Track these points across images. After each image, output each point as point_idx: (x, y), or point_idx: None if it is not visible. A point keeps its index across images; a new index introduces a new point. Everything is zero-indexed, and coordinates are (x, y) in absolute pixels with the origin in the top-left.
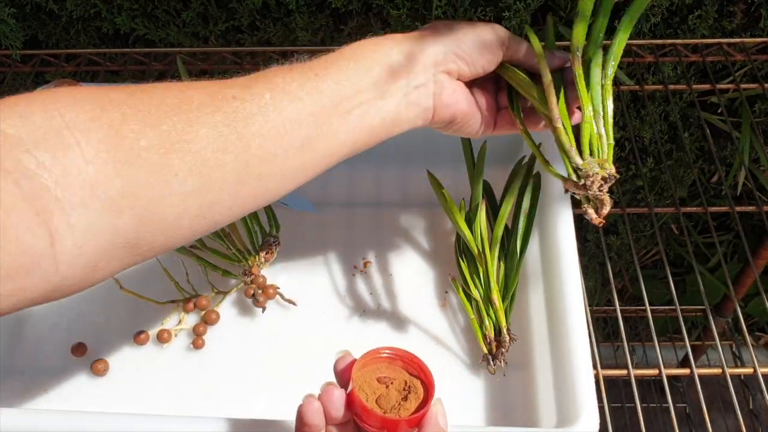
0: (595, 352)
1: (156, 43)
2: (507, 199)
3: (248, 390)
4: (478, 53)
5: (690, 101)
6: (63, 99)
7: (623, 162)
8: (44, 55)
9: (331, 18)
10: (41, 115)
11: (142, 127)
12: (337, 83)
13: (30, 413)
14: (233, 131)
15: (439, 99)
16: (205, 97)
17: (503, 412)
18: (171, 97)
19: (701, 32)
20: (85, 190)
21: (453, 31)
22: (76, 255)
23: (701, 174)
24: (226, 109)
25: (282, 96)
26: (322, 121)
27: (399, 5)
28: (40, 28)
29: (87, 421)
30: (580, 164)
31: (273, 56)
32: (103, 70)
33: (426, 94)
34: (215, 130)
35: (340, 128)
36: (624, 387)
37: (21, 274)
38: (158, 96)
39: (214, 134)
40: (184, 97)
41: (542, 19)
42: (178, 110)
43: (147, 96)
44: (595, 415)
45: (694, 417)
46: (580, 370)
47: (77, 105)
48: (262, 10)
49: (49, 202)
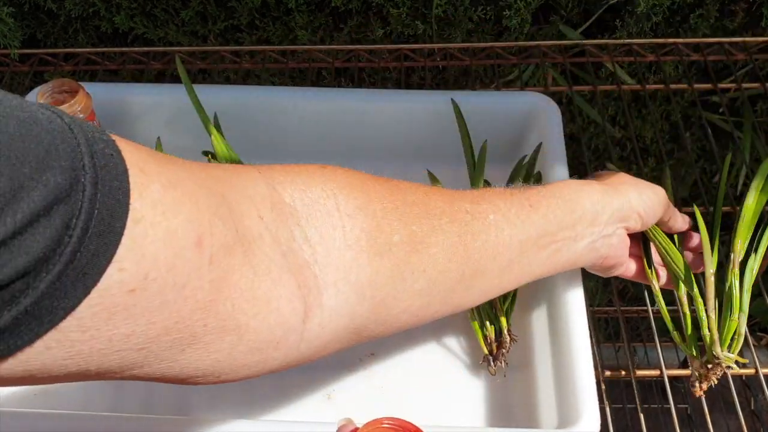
0: (596, 353)
1: (155, 42)
2: None
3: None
4: (652, 214)
5: (691, 101)
6: (338, 180)
7: (624, 162)
8: (42, 54)
9: (330, 17)
10: (319, 192)
11: (398, 225)
12: (545, 217)
13: (30, 414)
14: (461, 242)
15: (614, 249)
16: (445, 205)
17: (504, 413)
18: (419, 200)
19: (702, 31)
20: (340, 272)
21: (639, 190)
22: (317, 335)
23: (703, 174)
24: (461, 222)
25: (503, 220)
26: (525, 249)
27: (399, 4)
28: (39, 27)
29: (87, 422)
30: (720, 355)
31: (272, 55)
32: (101, 69)
33: (607, 244)
34: (449, 239)
35: (534, 259)
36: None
37: (271, 346)
38: (410, 196)
39: (447, 242)
40: (429, 201)
41: (543, 18)
42: (425, 214)
43: (402, 195)
44: (596, 415)
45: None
46: (581, 371)
47: (349, 190)
48: (261, 8)
49: (309, 278)
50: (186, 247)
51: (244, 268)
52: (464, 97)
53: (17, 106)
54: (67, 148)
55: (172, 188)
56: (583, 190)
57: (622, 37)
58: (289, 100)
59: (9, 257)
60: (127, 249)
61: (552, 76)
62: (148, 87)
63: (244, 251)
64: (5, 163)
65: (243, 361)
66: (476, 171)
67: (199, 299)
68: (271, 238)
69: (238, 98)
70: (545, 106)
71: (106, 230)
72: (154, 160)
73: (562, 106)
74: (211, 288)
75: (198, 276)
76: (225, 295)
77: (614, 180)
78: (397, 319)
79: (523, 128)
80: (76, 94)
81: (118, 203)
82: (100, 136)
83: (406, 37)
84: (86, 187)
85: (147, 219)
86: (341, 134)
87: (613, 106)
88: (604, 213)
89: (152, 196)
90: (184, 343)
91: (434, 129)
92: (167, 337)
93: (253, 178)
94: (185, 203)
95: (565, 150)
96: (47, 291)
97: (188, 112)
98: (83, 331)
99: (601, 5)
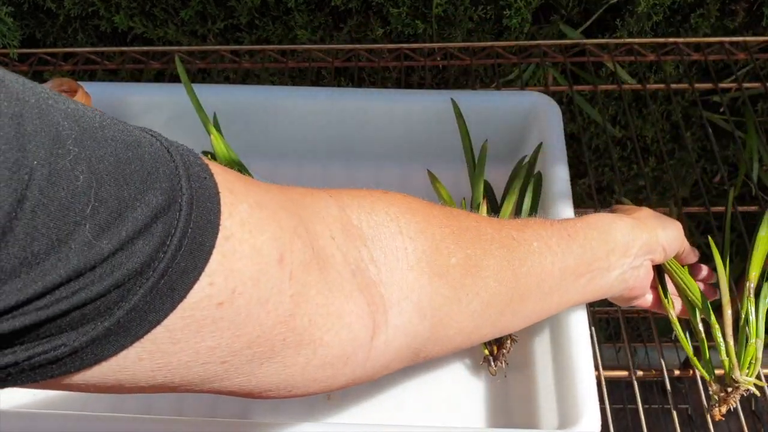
0: (596, 353)
1: (154, 41)
2: (508, 199)
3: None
4: (674, 247)
5: (692, 100)
6: (400, 204)
7: (625, 161)
8: (42, 53)
9: (330, 16)
10: (383, 216)
11: (454, 248)
12: (582, 247)
13: (30, 414)
14: (510, 267)
15: (640, 280)
16: (494, 231)
17: (504, 414)
18: (471, 228)
19: (703, 31)
20: (403, 291)
21: (663, 224)
22: (382, 352)
23: (703, 174)
24: (509, 248)
25: (545, 248)
26: (565, 277)
27: (399, 3)
28: (38, 27)
29: (87, 422)
30: (740, 380)
31: (272, 55)
32: (100, 68)
33: (635, 276)
34: (499, 264)
35: (572, 287)
36: (626, 388)
37: (341, 361)
38: (463, 222)
39: (497, 267)
40: (480, 227)
41: (543, 17)
42: (477, 239)
43: (456, 220)
44: (596, 416)
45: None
46: (581, 372)
47: (411, 214)
48: (261, 8)
49: (376, 297)
50: (270, 263)
51: (320, 285)
52: (464, 97)
53: (123, 131)
54: (166, 170)
55: (258, 208)
56: (615, 223)
57: (623, 36)
58: (289, 99)
59: (110, 270)
60: (218, 264)
61: (552, 75)
62: (148, 87)
63: (320, 268)
64: (113, 185)
65: (314, 376)
66: (476, 171)
67: (280, 313)
68: (342, 257)
69: (238, 98)
70: (546, 106)
71: (197, 248)
72: (241, 182)
73: (563, 106)
74: (291, 303)
75: (279, 291)
76: (303, 310)
77: (640, 214)
78: (451, 340)
79: (524, 128)
80: (75, 93)
81: (210, 223)
82: (194, 160)
83: (406, 36)
84: (182, 207)
85: (236, 236)
86: (341, 134)
87: (613, 105)
88: (634, 245)
89: (241, 215)
90: (264, 356)
91: (434, 129)
92: (249, 350)
93: (326, 200)
94: (270, 222)
95: (565, 150)
96: (138, 304)
97: (188, 112)
98: (174, 343)
99: (602, 5)
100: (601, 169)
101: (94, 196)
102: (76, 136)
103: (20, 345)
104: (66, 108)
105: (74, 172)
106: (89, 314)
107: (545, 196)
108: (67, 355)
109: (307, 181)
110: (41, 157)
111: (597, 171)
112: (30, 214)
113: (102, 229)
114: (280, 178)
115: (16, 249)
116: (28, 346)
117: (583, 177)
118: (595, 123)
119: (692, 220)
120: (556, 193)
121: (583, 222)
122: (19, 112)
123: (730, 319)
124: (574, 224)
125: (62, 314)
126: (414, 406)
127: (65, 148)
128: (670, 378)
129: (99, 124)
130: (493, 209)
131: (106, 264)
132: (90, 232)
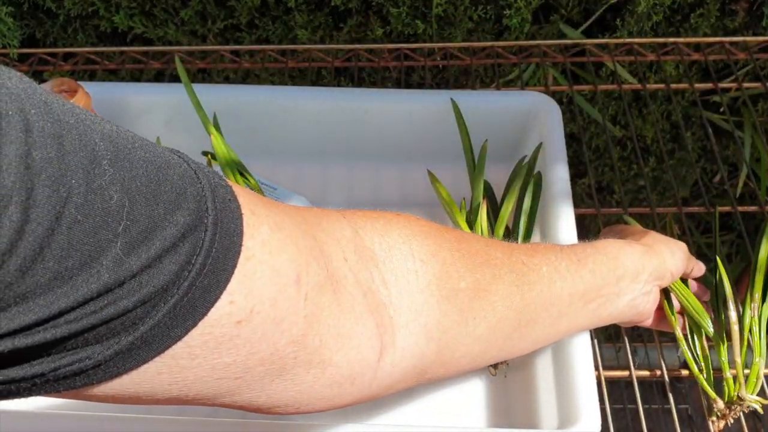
0: (596, 353)
1: (154, 41)
2: (508, 199)
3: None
4: (681, 270)
5: (692, 100)
6: (413, 227)
7: (625, 161)
8: (42, 53)
9: (330, 16)
10: (396, 238)
11: (464, 272)
12: (592, 273)
13: (30, 414)
14: (519, 292)
15: (649, 306)
16: (504, 256)
17: (504, 414)
18: (481, 251)
19: (703, 31)
20: (411, 313)
21: (671, 249)
22: (388, 373)
23: (703, 173)
24: (519, 272)
25: (554, 273)
26: (574, 302)
27: (399, 3)
28: (38, 27)
29: (87, 423)
30: (746, 397)
31: (272, 55)
32: (100, 68)
33: (645, 301)
34: (508, 289)
35: (580, 312)
36: (626, 388)
37: (348, 381)
38: (474, 246)
39: (506, 291)
40: (490, 252)
41: (543, 17)
42: (487, 263)
43: (467, 244)
44: (596, 416)
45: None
46: (581, 371)
47: (422, 237)
48: (261, 8)
49: (385, 318)
50: (288, 284)
51: (332, 306)
52: (464, 97)
53: (154, 152)
54: (194, 191)
55: (278, 230)
56: (625, 249)
57: (623, 36)
58: (289, 99)
59: (138, 287)
60: (239, 283)
61: (552, 75)
62: (148, 86)
63: (333, 290)
64: (144, 204)
65: (322, 394)
66: (476, 171)
67: (294, 333)
68: (354, 278)
69: (238, 98)
70: (546, 106)
71: (220, 267)
72: (262, 204)
73: (563, 106)
74: (305, 323)
75: (295, 311)
76: (315, 330)
77: (648, 240)
78: (457, 363)
79: (524, 128)
80: (75, 93)
81: (233, 243)
82: (219, 182)
83: (406, 36)
84: (208, 227)
85: (257, 257)
86: (341, 134)
87: (613, 105)
88: (644, 272)
89: (262, 236)
90: (275, 374)
91: (434, 129)
92: (262, 367)
93: (340, 222)
94: (288, 244)
95: (565, 150)
96: (162, 320)
97: (188, 112)
98: (192, 359)
99: (602, 4)
100: (601, 169)
101: (126, 215)
102: (111, 157)
103: (48, 356)
104: (102, 129)
105: (109, 191)
106: (115, 328)
107: (545, 196)
108: (91, 367)
109: (307, 181)
110: (79, 176)
111: (597, 171)
112: (66, 231)
113: (132, 247)
114: (280, 178)
115: (52, 263)
116: (55, 357)
117: (583, 177)
118: (595, 123)
119: (692, 220)
120: (556, 193)
121: (592, 248)
122: (60, 132)
123: (738, 338)
124: (583, 249)
125: (90, 328)
126: (414, 406)
127: (101, 168)
128: (670, 378)
129: (132, 145)
130: (493, 209)
131: (134, 281)
132: (121, 249)
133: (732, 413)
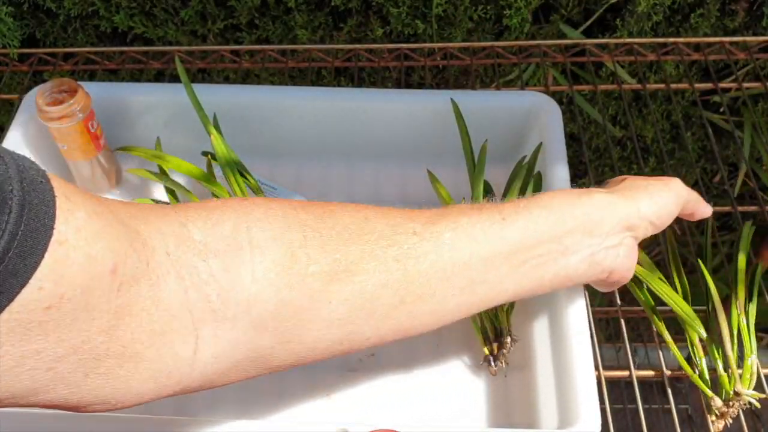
0: (596, 353)
1: (154, 41)
2: (508, 199)
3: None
4: (667, 216)
5: (692, 100)
6: (256, 212)
7: (625, 161)
8: (42, 53)
9: (330, 16)
10: (230, 227)
11: (317, 253)
12: (521, 230)
13: (30, 414)
14: (401, 267)
15: (620, 262)
16: (386, 228)
17: (504, 414)
18: (354, 225)
19: (703, 31)
20: (240, 306)
21: (650, 193)
22: (211, 363)
23: (703, 173)
24: (403, 245)
25: (462, 237)
26: (492, 267)
27: (399, 3)
28: (38, 27)
29: (87, 423)
30: (742, 392)
31: (272, 55)
32: (100, 68)
33: (614, 255)
34: (384, 265)
35: (507, 276)
36: (626, 388)
37: (163, 375)
38: (343, 222)
39: (381, 268)
40: (367, 225)
41: (543, 17)
42: (357, 240)
43: (331, 221)
44: (596, 416)
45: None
46: (581, 371)
47: (264, 222)
48: (261, 8)
49: (206, 313)
50: (103, 273)
51: (147, 301)
52: (464, 97)
53: None
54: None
55: (96, 217)
56: (579, 199)
57: (623, 36)
58: (289, 99)
59: None
60: (49, 268)
61: (552, 75)
62: (148, 86)
63: (151, 285)
64: None
65: (139, 390)
66: (476, 171)
67: (104, 323)
68: (176, 273)
69: (238, 98)
70: (546, 106)
71: (28, 251)
72: (80, 192)
73: (563, 106)
74: (116, 314)
75: (107, 300)
76: (126, 323)
77: (623, 186)
78: (312, 349)
79: (524, 128)
80: (75, 93)
81: (44, 226)
82: (31, 165)
83: (406, 36)
84: (12, 209)
85: (70, 242)
86: (341, 134)
87: (613, 105)
88: (604, 223)
89: (77, 222)
90: (88, 366)
91: (434, 129)
92: (74, 356)
93: (168, 216)
94: (107, 232)
95: (565, 150)
96: None
97: (188, 112)
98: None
99: (602, 4)
100: (601, 169)
101: None
102: None
103: None
104: None
105: None
106: None
107: None
108: None
109: (307, 181)
110: None
111: (597, 171)
112: None
113: None
114: (280, 178)
115: None
116: None
117: (583, 177)
118: (595, 123)
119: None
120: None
121: (529, 201)
122: None
123: (728, 335)
124: (515, 206)
125: None
126: (414, 406)
127: None
128: (670, 378)
129: None
130: None
131: None
132: None
133: (731, 411)
